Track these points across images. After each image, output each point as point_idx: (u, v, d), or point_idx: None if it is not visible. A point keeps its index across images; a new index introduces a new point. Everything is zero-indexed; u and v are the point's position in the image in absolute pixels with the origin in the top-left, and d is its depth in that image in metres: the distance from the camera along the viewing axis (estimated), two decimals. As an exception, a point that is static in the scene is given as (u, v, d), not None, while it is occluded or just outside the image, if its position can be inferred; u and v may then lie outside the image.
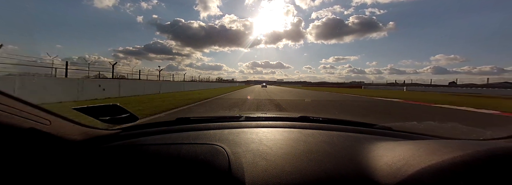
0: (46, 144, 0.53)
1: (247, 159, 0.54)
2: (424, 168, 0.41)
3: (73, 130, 0.59)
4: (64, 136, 0.56)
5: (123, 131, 0.79)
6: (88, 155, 0.58)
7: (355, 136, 0.74)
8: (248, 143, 0.64)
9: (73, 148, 0.58)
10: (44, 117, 0.51)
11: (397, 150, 0.54)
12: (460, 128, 1.13)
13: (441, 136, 0.81)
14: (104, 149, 0.63)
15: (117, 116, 0.77)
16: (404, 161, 0.47)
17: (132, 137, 0.72)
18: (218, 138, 0.68)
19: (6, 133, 0.44)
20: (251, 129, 0.80)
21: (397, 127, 0.92)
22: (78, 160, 0.55)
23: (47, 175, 0.50)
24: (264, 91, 22.56)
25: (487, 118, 5.68)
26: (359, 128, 0.89)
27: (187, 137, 0.70)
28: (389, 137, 0.75)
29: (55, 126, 0.53)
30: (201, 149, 0.59)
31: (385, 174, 0.46)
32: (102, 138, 0.68)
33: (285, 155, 0.56)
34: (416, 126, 1.04)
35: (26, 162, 0.50)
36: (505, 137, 0.67)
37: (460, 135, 0.91)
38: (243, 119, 1.02)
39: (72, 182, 0.50)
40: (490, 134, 0.75)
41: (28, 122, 0.47)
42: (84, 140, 0.61)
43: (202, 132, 0.77)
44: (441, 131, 0.91)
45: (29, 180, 0.49)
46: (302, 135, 0.72)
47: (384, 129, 0.90)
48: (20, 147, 0.49)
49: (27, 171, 0.49)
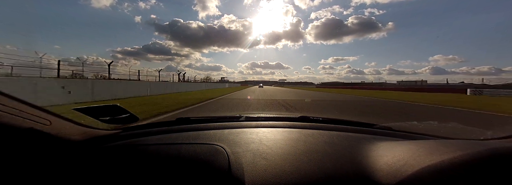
0: (46, 144, 0.53)
1: (247, 159, 0.54)
2: (424, 168, 0.41)
3: (73, 130, 0.59)
4: (64, 136, 0.56)
5: (123, 131, 0.79)
6: (89, 155, 0.58)
7: (355, 136, 0.74)
8: (248, 143, 0.64)
9: (73, 148, 0.58)
10: (44, 118, 0.51)
11: (397, 150, 0.54)
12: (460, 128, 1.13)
13: (441, 136, 0.81)
14: (104, 149, 0.63)
15: (117, 116, 0.77)
16: (404, 161, 0.47)
17: (132, 137, 0.72)
18: (218, 138, 0.68)
19: (6, 133, 0.44)
20: (251, 129, 0.80)
21: (397, 127, 0.92)
22: (78, 160, 0.55)
23: (47, 175, 0.50)
24: (263, 92, 21.66)
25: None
26: (359, 128, 0.89)
27: (187, 137, 0.70)
28: (389, 137, 0.75)
29: (55, 126, 0.53)
30: (201, 149, 0.59)
31: (385, 174, 0.46)
32: (102, 138, 0.68)
33: (285, 155, 0.56)
34: (416, 126, 1.04)
35: (27, 162, 0.50)
36: (505, 137, 0.67)
37: (460, 135, 0.91)
38: (243, 119, 1.03)
39: (72, 182, 0.50)
40: (490, 134, 0.75)
41: (28, 122, 0.47)
42: (84, 140, 0.61)
43: (202, 132, 0.77)
44: (441, 131, 0.91)
45: (29, 180, 0.49)
46: (302, 135, 0.72)
47: (384, 129, 0.90)
48: (20, 147, 0.49)
49: (27, 171, 0.49)
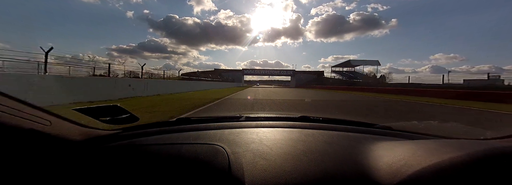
0: (46, 145, 0.53)
1: (247, 159, 0.54)
2: (424, 168, 0.41)
3: (74, 130, 0.59)
4: (65, 137, 0.56)
5: (123, 131, 0.79)
6: (89, 155, 0.58)
7: (355, 136, 0.74)
8: (248, 143, 0.64)
9: (73, 149, 0.58)
10: (44, 118, 0.51)
11: (397, 150, 0.54)
12: (460, 128, 1.13)
13: (441, 136, 0.81)
14: (104, 149, 0.63)
15: (118, 116, 0.77)
16: (404, 161, 0.47)
17: (133, 137, 0.72)
18: (218, 138, 0.68)
19: (6, 133, 0.44)
20: (251, 129, 0.80)
21: (397, 126, 0.92)
22: (78, 161, 0.55)
23: (47, 175, 0.50)
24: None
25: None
26: (359, 128, 0.89)
27: (187, 137, 0.70)
28: (389, 137, 0.75)
29: (55, 127, 0.53)
30: (201, 149, 0.59)
31: (385, 174, 0.46)
32: (102, 138, 0.68)
33: (285, 155, 0.56)
34: (416, 126, 1.04)
35: (27, 163, 0.50)
36: (505, 137, 0.67)
37: (460, 135, 0.91)
38: (243, 119, 1.03)
39: (72, 182, 0.50)
40: (490, 134, 0.75)
41: (28, 122, 0.47)
42: (84, 140, 0.61)
43: (202, 132, 0.77)
44: (441, 131, 0.91)
45: (29, 180, 0.49)
46: (302, 135, 0.72)
47: (384, 129, 0.90)
48: (20, 147, 0.49)
49: (27, 171, 0.49)
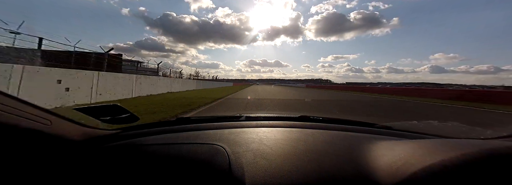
0: (46, 144, 0.53)
1: (247, 159, 0.54)
2: (424, 167, 0.41)
3: (74, 130, 0.60)
4: (65, 136, 0.56)
5: (123, 131, 0.79)
6: (89, 155, 0.58)
7: (355, 136, 0.74)
8: (248, 143, 0.64)
9: (73, 148, 0.58)
10: (44, 117, 0.51)
11: (397, 149, 0.54)
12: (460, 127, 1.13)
13: (441, 135, 0.81)
14: (104, 149, 0.63)
15: (118, 116, 0.77)
16: (404, 160, 0.47)
17: (133, 137, 0.72)
18: (218, 138, 0.68)
19: (6, 133, 0.44)
20: (252, 129, 0.80)
21: (397, 126, 0.92)
22: (78, 160, 0.55)
23: (47, 175, 0.50)
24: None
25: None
26: (359, 127, 0.89)
27: (188, 137, 0.70)
28: (389, 137, 0.75)
29: (55, 126, 0.53)
30: (201, 149, 0.59)
31: (385, 173, 0.46)
32: (102, 138, 0.68)
33: (285, 154, 0.56)
34: (416, 125, 1.04)
35: (27, 162, 0.50)
36: (505, 136, 0.67)
37: (460, 134, 0.91)
38: (244, 119, 1.03)
39: (72, 182, 0.50)
40: (490, 133, 0.75)
41: (28, 122, 0.47)
42: (84, 140, 0.61)
43: (202, 132, 0.77)
44: (441, 131, 0.91)
45: (30, 180, 0.49)
46: (302, 135, 0.72)
47: (384, 129, 0.90)
48: (20, 147, 0.49)
49: (27, 171, 0.49)
